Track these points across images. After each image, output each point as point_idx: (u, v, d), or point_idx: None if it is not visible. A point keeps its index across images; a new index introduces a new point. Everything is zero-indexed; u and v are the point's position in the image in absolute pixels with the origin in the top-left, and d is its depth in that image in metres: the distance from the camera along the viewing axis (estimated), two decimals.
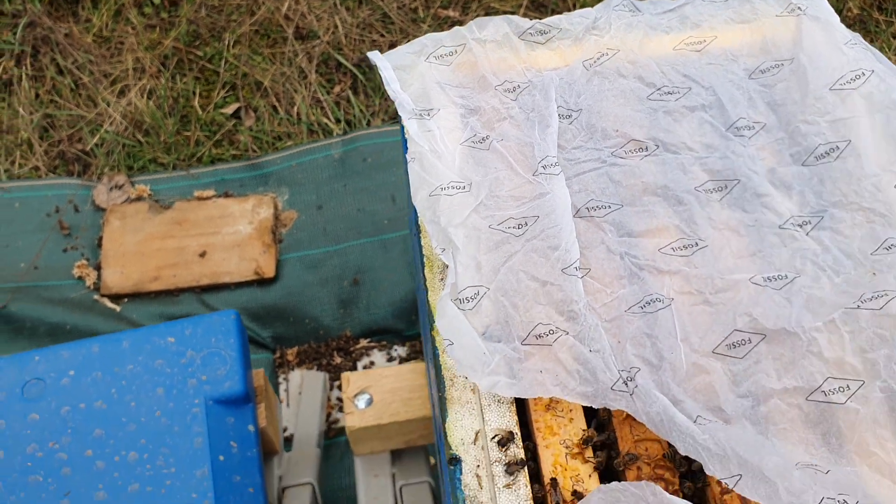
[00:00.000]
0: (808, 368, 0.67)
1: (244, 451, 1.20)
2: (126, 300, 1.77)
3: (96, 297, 1.76)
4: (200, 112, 1.96)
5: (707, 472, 0.63)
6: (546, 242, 0.73)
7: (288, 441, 1.66)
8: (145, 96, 1.96)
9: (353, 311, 1.80)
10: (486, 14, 2.03)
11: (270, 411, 1.30)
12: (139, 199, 1.87)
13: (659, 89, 0.86)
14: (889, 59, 2.12)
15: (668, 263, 0.73)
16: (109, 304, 1.76)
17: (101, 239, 1.82)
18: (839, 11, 2.09)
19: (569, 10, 2.01)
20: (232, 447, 1.19)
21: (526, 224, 0.75)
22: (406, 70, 0.86)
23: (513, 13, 2.03)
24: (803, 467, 0.63)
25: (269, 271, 1.80)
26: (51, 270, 1.79)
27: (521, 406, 0.69)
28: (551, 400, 0.68)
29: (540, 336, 0.69)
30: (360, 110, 1.96)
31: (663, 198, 0.78)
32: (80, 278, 1.78)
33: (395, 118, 1.95)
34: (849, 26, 2.10)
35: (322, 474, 1.43)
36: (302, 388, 1.74)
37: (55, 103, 1.97)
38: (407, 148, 0.82)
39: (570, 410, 0.67)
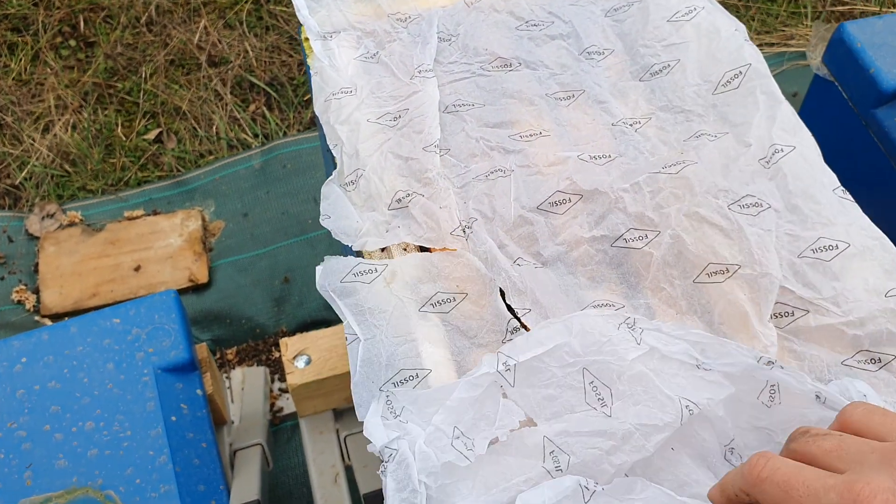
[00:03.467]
0: (615, 221, 0.81)
1: (194, 411, 1.29)
2: (67, 318, 1.84)
3: (37, 318, 1.83)
4: (124, 140, 2.06)
5: (506, 301, 0.75)
6: (413, 129, 0.87)
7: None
8: (70, 130, 2.06)
9: (286, 308, 1.91)
10: None
11: (216, 381, 1.39)
12: (71, 224, 1.95)
13: (527, 22, 1.01)
14: (752, 37, 2.34)
15: (514, 146, 0.87)
16: (51, 324, 1.83)
17: (37, 265, 1.90)
18: None
19: None
20: (182, 409, 1.28)
21: (399, 117, 0.89)
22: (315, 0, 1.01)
23: None
24: (598, 306, 0.78)
25: (203, 277, 1.90)
26: None
27: None
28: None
29: (400, 200, 0.82)
30: (276, 124, 2.09)
31: (518, 100, 0.92)
32: (20, 302, 1.85)
33: (310, 127, 2.09)
34: None
35: (271, 439, 1.52)
36: (244, 384, 1.83)
37: None
38: (309, 67, 0.96)
39: None
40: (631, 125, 0.90)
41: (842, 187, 0.80)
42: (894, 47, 1.27)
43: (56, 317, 1.84)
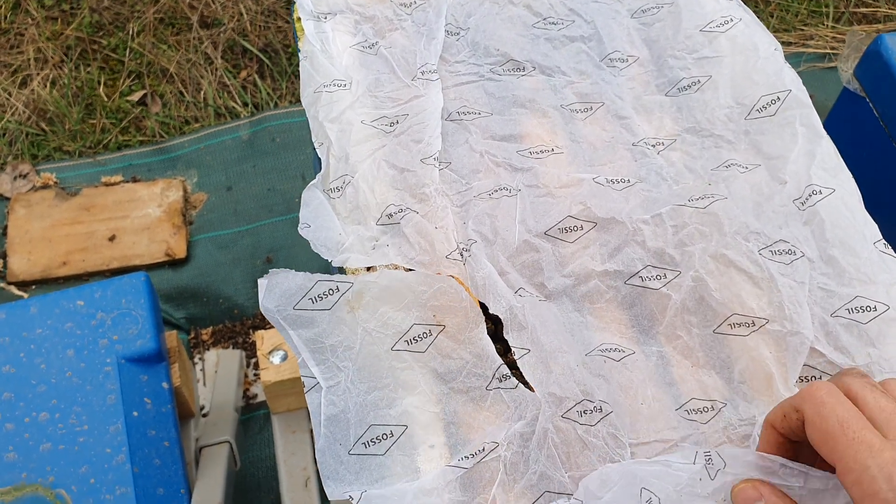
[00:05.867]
0: (631, 255, 0.72)
1: (158, 406, 1.21)
2: (34, 287, 1.75)
3: (2, 284, 1.74)
4: (106, 100, 1.95)
5: (504, 335, 0.67)
6: (411, 137, 0.78)
7: (205, 417, 1.66)
8: (48, 86, 1.95)
9: None
10: None
11: (185, 372, 1.31)
12: (45, 186, 1.86)
13: (545, 19, 0.92)
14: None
15: (523, 163, 0.78)
16: (17, 291, 1.74)
17: (6, 227, 1.80)
18: None
19: None
20: (146, 403, 1.20)
21: (397, 122, 0.79)
22: None
23: None
24: (606, 350, 0.69)
25: (180, 252, 1.80)
26: None
27: None
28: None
29: (391, 216, 0.73)
30: (268, 93, 1.99)
31: (530, 110, 0.83)
32: None
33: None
34: None
35: (240, 436, 1.45)
36: (218, 367, 1.74)
37: None
38: (300, 50, 0.87)
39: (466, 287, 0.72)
40: (654, 146, 0.81)
41: (884, 241, 0.72)
42: None
43: (22, 284, 1.74)
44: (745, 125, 0.81)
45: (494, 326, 0.69)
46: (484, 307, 0.69)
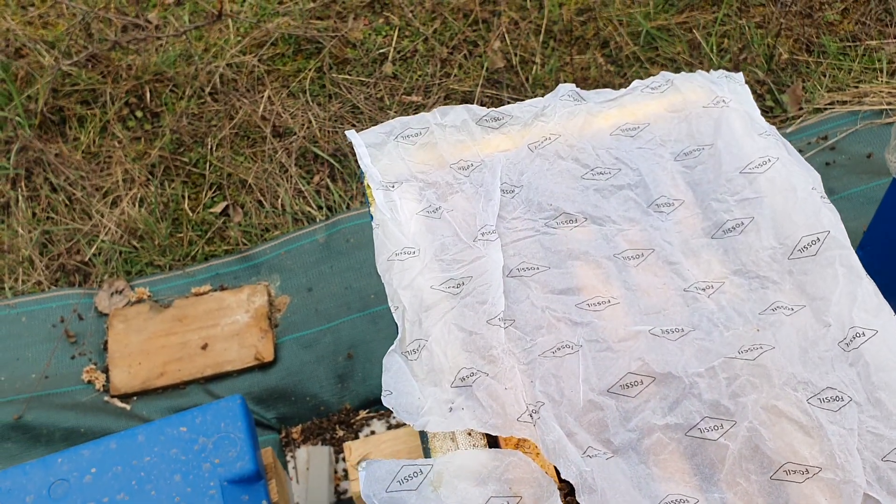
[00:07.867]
0: (689, 408, 0.78)
1: None
2: (135, 398, 1.88)
3: (106, 398, 1.87)
4: (191, 214, 2.09)
5: (577, 499, 0.73)
6: (476, 298, 0.86)
7: None
8: (137, 204, 2.10)
9: (350, 385, 1.91)
10: (447, 96, 2.20)
11: (281, 486, 1.40)
12: (139, 301, 1.99)
13: (592, 170, 0.99)
14: (822, 95, 2.26)
15: (583, 316, 0.85)
16: (120, 404, 1.87)
17: (106, 343, 1.94)
18: (770, 58, 2.25)
19: (521, 86, 2.17)
20: None
21: (463, 284, 0.87)
22: (377, 147, 1.00)
23: (470, 91, 2.20)
24: (673, 503, 0.75)
25: (268, 355, 1.91)
26: (61, 378, 1.90)
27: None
28: (519, 440, 0.79)
29: (464, 378, 0.81)
30: (339, 195, 2.10)
31: (585, 262, 0.90)
32: (90, 382, 1.89)
33: None
34: (781, 70, 2.26)
35: None
36: (309, 464, 1.84)
37: (52, 219, 2.10)
38: (372, 217, 0.96)
39: (537, 447, 0.79)
40: (703, 290, 0.87)
41: None
42: None
43: (124, 397, 1.87)
44: (789, 265, 0.86)
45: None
46: None
